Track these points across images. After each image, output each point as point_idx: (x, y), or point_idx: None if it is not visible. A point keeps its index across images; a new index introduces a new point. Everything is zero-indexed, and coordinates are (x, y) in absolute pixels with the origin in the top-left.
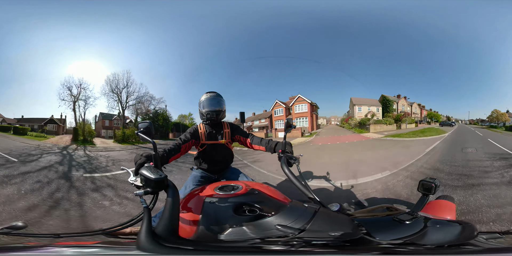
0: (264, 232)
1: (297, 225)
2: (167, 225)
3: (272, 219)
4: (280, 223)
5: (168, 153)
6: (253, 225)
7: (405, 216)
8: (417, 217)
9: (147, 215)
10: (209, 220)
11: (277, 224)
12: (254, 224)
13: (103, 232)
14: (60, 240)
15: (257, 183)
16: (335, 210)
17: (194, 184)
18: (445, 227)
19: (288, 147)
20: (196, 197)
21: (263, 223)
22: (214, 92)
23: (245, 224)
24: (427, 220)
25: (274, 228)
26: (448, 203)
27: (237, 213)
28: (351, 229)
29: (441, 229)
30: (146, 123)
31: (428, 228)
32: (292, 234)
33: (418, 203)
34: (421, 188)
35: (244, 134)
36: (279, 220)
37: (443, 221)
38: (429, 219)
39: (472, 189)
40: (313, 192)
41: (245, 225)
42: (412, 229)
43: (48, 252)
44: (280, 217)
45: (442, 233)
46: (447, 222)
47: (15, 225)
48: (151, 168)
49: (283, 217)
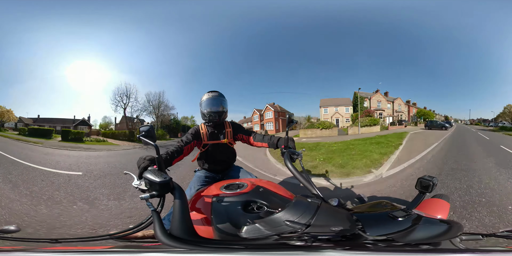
0: (275, 228)
1: (303, 220)
2: (181, 226)
3: (280, 215)
4: (288, 219)
5: (171, 155)
6: (264, 221)
7: (399, 213)
8: (410, 214)
9: (157, 218)
10: (221, 219)
11: (286, 220)
12: (265, 220)
13: (111, 236)
14: (58, 245)
15: (261, 180)
16: (335, 205)
17: (200, 184)
18: (432, 226)
19: (291, 142)
20: (203, 197)
21: (272, 219)
22: (216, 91)
23: (257, 221)
24: (419, 217)
25: (283, 224)
26: (443, 202)
27: (246, 211)
28: (349, 224)
29: (428, 227)
30: (148, 127)
31: (418, 225)
32: (300, 229)
33: (414, 201)
34: (418, 185)
35: (246, 132)
36: (287, 216)
37: (433, 219)
38: (421, 217)
39: None
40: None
41: (257, 222)
42: (401, 225)
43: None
44: (287, 213)
45: (428, 231)
46: (437, 220)
47: (7, 229)
48: (155, 171)
49: (290, 212)
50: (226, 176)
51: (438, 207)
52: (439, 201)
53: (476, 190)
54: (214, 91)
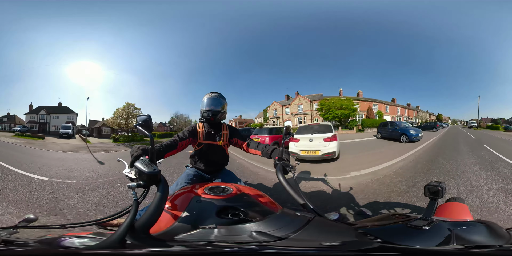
0: (233, 237)
1: (280, 233)
2: (147, 219)
3: (251, 225)
4: (258, 230)
5: (165, 148)
6: (228, 228)
7: (420, 222)
8: (433, 221)
9: (134, 208)
10: (187, 218)
11: (255, 230)
12: (228, 227)
13: (96, 222)
14: (67, 231)
15: (249, 188)
16: (334, 219)
17: (186, 181)
18: (470, 228)
19: (285, 154)
20: (185, 195)
21: (238, 228)
22: (217, 92)
23: (220, 227)
24: (446, 223)
25: (247, 234)
26: (460, 205)
27: (219, 216)
28: (355, 237)
29: (467, 231)
30: (145, 116)
31: (453, 231)
32: (264, 241)
33: (429, 208)
34: (427, 192)
35: (242, 137)
36: (260, 227)
37: (465, 222)
38: (447, 222)
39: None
40: (311, 197)
41: (219, 227)
42: (436, 234)
43: (65, 243)
44: (262, 224)
45: (472, 234)
46: (470, 222)
47: (28, 218)
48: (146, 161)
49: (266, 224)
50: (215, 178)
51: (457, 210)
52: (455, 204)
53: None
54: (215, 92)
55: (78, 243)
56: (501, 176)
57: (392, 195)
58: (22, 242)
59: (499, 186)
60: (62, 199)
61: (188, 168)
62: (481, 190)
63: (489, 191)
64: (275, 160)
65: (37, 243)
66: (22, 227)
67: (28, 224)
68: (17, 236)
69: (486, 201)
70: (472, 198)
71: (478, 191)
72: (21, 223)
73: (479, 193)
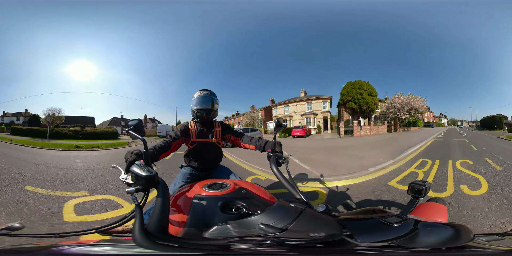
0: (246, 231)
1: (280, 224)
2: (157, 222)
3: (257, 218)
4: (264, 222)
5: (158, 150)
6: (238, 223)
7: (394, 219)
8: (406, 220)
9: (139, 213)
10: (196, 217)
11: (261, 223)
12: (238, 222)
13: (97, 230)
14: (62, 239)
15: (246, 182)
16: (321, 211)
17: (183, 181)
18: (436, 230)
19: (278, 146)
20: (185, 194)
21: (247, 221)
22: (208, 90)
23: (230, 222)
24: (417, 222)
25: (257, 227)
26: (439, 206)
27: (224, 211)
28: (334, 230)
29: (432, 232)
30: (137, 121)
31: (418, 230)
32: (272, 233)
33: (408, 206)
34: (411, 190)
35: (235, 133)
36: (264, 219)
37: (435, 223)
38: (419, 222)
39: None
40: (305, 193)
41: (229, 223)
42: (399, 231)
43: (55, 251)
44: (265, 216)
45: (434, 236)
46: (439, 224)
47: (12, 226)
48: (142, 165)
49: (268, 216)
50: (211, 175)
51: (435, 211)
52: (435, 204)
53: None
54: (205, 90)
55: (95, 251)
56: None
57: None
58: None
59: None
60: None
61: (183, 167)
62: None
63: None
64: (268, 153)
65: (22, 252)
66: (3, 234)
67: (10, 232)
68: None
69: None
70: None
71: None
72: (1, 230)
73: None
